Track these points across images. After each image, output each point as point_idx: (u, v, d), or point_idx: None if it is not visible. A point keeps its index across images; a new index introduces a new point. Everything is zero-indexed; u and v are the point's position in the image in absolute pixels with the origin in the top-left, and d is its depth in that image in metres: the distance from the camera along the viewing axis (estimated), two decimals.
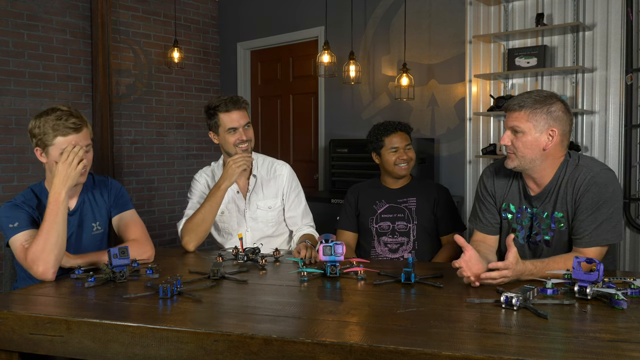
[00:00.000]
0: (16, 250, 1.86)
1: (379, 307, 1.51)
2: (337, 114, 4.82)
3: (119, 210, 2.12)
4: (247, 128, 2.37)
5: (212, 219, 2.33)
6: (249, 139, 2.37)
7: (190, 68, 5.44)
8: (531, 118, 1.80)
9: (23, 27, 4.23)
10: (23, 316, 1.46)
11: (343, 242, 1.82)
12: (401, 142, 2.51)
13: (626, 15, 3.15)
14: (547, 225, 1.89)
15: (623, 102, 3.19)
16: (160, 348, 1.34)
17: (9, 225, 1.86)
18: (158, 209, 5.21)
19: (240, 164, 2.28)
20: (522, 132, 1.81)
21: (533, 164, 1.84)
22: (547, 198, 1.88)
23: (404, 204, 2.51)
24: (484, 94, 3.71)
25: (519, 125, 1.81)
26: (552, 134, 1.81)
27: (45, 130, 1.87)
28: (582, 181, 1.80)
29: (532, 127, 1.80)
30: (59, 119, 1.87)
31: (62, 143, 1.87)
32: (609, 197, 1.78)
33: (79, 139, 1.90)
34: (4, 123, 4.14)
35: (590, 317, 1.41)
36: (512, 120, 1.84)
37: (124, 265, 1.80)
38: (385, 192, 2.57)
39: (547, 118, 1.80)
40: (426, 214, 2.50)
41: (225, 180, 2.29)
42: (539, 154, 1.82)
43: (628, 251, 3.23)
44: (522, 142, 1.81)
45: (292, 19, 5.08)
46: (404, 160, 2.50)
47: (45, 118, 1.88)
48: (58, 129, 1.86)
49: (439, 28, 4.15)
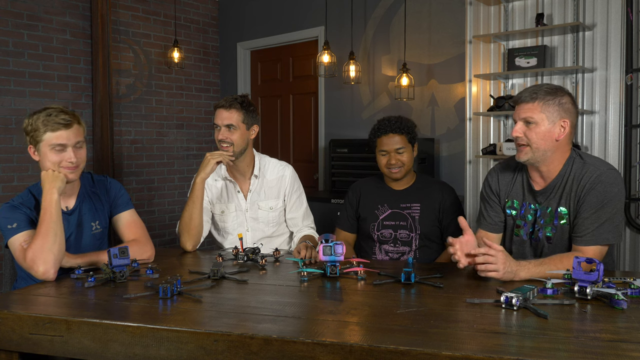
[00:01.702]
0: (15, 251, 1.86)
1: (379, 307, 1.51)
2: (337, 114, 4.82)
3: (119, 210, 2.12)
4: (229, 130, 2.33)
5: (198, 215, 2.32)
6: (227, 141, 2.32)
7: (190, 68, 5.44)
8: (544, 109, 1.81)
9: (23, 27, 4.23)
10: (23, 316, 1.46)
11: (343, 242, 1.82)
12: (390, 145, 2.34)
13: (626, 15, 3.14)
14: (549, 221, 1.89)
15: (623, 102, 3.19)
16: (160, 348, 1.34)
17: (8, 226, 1.87)
18: (158, 209, 5.21)
19: (216, 156, 2.29)
20: (536, 123, 1.81)
21: (545, 156, 1.84)
22: (552, 193, 1.89)
23: (406, 210, 2.39)
24: (484, 94, 3.71)
25: (533, 116, 1.81)
26: (564, 125, 1.82)
27: (36, 127, 1.88)
28: (588, 178, 1.81)
29: (545, 118, 1.81)
30: (49, 115, 1.89)
31: (52, 139, 1.88)
32: (613, 196, 1.79)
33: (69, 135, 1.90)
34: (4, 123, 4.14)
35: (590, 317, 1.41)
36: (525, 111, 1.83)
37: (124, 265, 1.80)
38: (388, 194, 2.45)
39: (559, 109, 1.81)
40: (430, 222, 2.38)
41: (200, 172, 2.30)
42: (552, 145, 1.83)
43: (628, 251, 3.23)
44: (536, 132, 1.81)
45: (292, 19, 5.08)
46: (392, 164, 2.35)
47: (37, 115, 1.90)
48: (48, 124, 1.87)
49: (439, 28, 4.15)
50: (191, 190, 2.32)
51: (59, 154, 1.89)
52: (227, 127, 2.33)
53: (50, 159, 1.89)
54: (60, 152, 1.89)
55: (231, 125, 2.33)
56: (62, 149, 1.89)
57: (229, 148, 2.33)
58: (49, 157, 1.89)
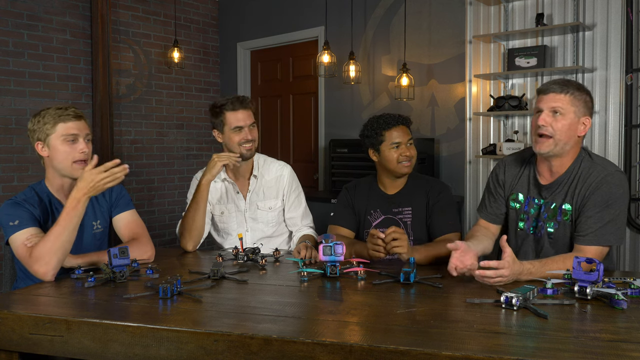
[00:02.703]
0: (17, 248, 1.85)
1: (379, 307, 1.51)
2: (337, 114, 4.83)
3: (120, 210, 2.12)
4: (252, 128, 2.37)
5: (201, 217, 2.32)
6: (253, 139, 2.37)
7: (190, 68, 5.44)
8: (574, 103, 1.82)
9: (23, 27, 4.23)
10: (23, 316, 1.46)
11: (343, 242, 1.82)
12: (403, 137, 2.22)
13: (626, 15, 3.15)
14: (552, 217, 1.90)
15: (623, 102, 3.19)
16: (160, 348, 1.34)
17: (10, 223, 1.86)
18: (158, 209, 5.21)
19: (223, 159, 2.28)
20: (564, 114, 1.81)
21: (564, 149, 1.84)
22: (557, 189, 1.89)
23: (399, 215, 2.27)
24: (484, 94, 3.71)
25: (563, 106, 1.81)
26: (586, 123, 1.84)
27: (46, 121, 1.91)
28: (595, 178, 1.81)
29: (573, 111, 1.81)
30: (59, 109, 1.94)
31: (64, 129, 1.91)
32: (618, 198, 1.79)
33: (80, 127, 1.94)
34: (4, 123, 4.14)
35: (590, 317, 1.41)
36: (555, 101, 1.82)
37: (124, 265, 1.80)
38: (381, 199, 2.31)
39: (585, 106, 1.84)
40: (421, 224, 2.26)
41: (207, 174, 2.29)
42: (573, 140, 1.83)
43: (628, 251, 3.23)
44: (562, 124, 1.80)
45: (292, 19, 5.08)
46: (406, 157, 2.21)
47: (45, 111, 1.94)
48: (59, 117, 1.91)
49: (439, 28, 4.15)
50: (195, 192, 2.31)
51: (71, 145, 1.92)
52: (251, 126, 2.37)
53: (63, 150, 1.91)
54: (72, 144, 1.92)
55: (254, 124, 2.38)
56: (74, 140, 1.92)
57: (252, 146, 2.37)
58: (61, 149, 1.91)
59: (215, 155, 2.30)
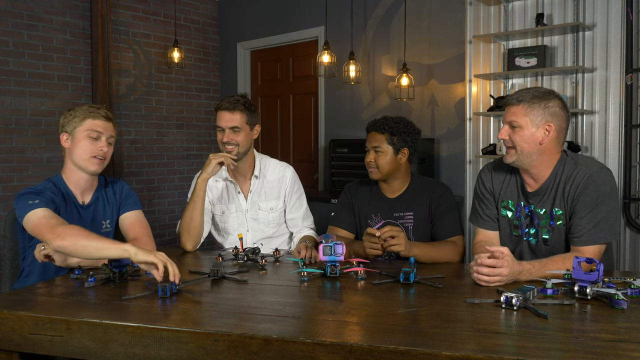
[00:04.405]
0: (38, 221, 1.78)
1: (379, 307, 1.51)
2: (337, 114, 4.83)
3: (127, 210, 2.14)
4: (234, 132, 2.31)
5: (199, 215, 2.31)
6: (233, 142, 2.31)
7: (190, 68, 5.44)
8: (528, 112, 1.83)
9: (23, 27, 4.23)
10: (23, 316, 1.46)
11: (343, 242, 1.82)
12: (370, 143, 2.24)
13: (626, 15, 3.15)
14: (546, 223, 1.90)
15: (623, 102, 3.19)
16: (160, 348, 1.34)
17: (29, 202, 1.83)
18: (158, 209, 5.21)
19: (218, 157, 2.29)
20: (520, 127, 1.84)
21: (530, 159, 1.85)
22: (544, 195, 1.89)
23: (400, 220, 2.24)
24: (484, 94, 3.71)
25: (517, 119, 1.84)
26: (548, 129, 1.83)
27: (77, 115, 2.00)
28: (580, 179, 1.81)
29: (529, 121, 1.83)
30: (92, 107, 2.03)
31: (91, 125, 1.98)
32: (607, 195, 1.79)
33: (106, 128, 2.02)
34: (4, 123, 4.14)
35: (590, 317, 1.41)
36: (510, 114, 1.87)
37: (124, 265, 1.80)
38: (382, 203, 2.29)
39: (544, 113, 1.82)
40: (423, 229, 2.23)
41: (202, 172, 2.29)
42: (536, 149, 1.84)
43: (628, 251, 3.23)
44: (520, 136, 1.84)
45: (292, 19, 5.08)
46: (368, 162, 2.23)
47: (79, 107, 2.03)
48: (90, 113, 2.00)
49: (439, 28, 4.15)
50: (193, 191, 2.32)
51: (93, 141, 1.98)
52: (232, 130, 2.32)
53: (84, 144, 1.97)
54: (94, 141, 1.98)
55: (235, 128, 2.32)
56: (97, 138, 1.99)
57: (234, 149, 2.32)
58: (82, 143, 1.98)
59: (212, 154, 2.31)
